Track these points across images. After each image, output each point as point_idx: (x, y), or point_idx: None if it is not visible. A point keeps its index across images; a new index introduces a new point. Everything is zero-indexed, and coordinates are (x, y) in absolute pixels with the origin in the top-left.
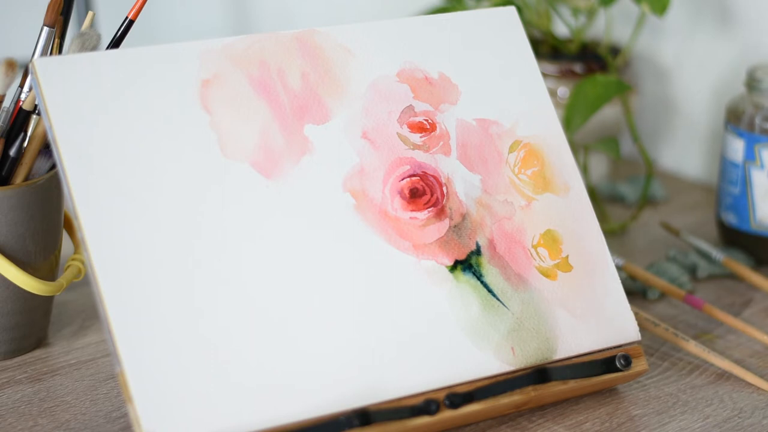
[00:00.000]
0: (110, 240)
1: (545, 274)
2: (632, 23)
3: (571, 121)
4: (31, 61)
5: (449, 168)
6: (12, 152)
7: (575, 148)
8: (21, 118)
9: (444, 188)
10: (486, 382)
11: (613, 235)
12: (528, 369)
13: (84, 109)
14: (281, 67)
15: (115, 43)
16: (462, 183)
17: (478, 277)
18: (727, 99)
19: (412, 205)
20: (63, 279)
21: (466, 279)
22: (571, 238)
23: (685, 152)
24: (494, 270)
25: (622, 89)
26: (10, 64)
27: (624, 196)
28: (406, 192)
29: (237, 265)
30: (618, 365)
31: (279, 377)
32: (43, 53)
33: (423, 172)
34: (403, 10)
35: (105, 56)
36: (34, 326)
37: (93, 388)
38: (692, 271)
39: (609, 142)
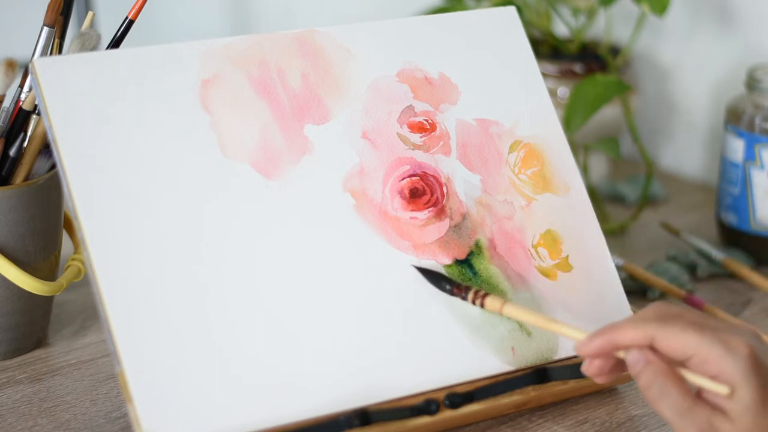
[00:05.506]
0: (110, 240)
1: (545, 273)
2: (632, 23)
3: (571, 121)
4: (31, 61)
5: (449, 168)
6: (12, 152)
7: (575, 148)
8: (21, 118)
9: (444, 188)
10: (486, 382)
11: (613, 235)
12: (528, 369)
13: (84, 109)
14: (281, 67)
15: (115, 43)
16: (462, 183)
17: (478, 277)
18: (727, 99)
19: (412, 205)
20: (63, 279)
21: (465, 279)
22: (571, 238)
23: (685, 152)
24: (494, 270)
25: (622, 89)
26: (10, 64)
27: (624, 196)
28: (406, 192)
29: (236, 264)
30: None
31: (279, 377)
32: (43, 53)
33: (423, 172)
34: (403, 10)
35: (105, 56)
36: (34, 326)
37: (93, 388)
38: (692, 271)
39: (609, 142)
